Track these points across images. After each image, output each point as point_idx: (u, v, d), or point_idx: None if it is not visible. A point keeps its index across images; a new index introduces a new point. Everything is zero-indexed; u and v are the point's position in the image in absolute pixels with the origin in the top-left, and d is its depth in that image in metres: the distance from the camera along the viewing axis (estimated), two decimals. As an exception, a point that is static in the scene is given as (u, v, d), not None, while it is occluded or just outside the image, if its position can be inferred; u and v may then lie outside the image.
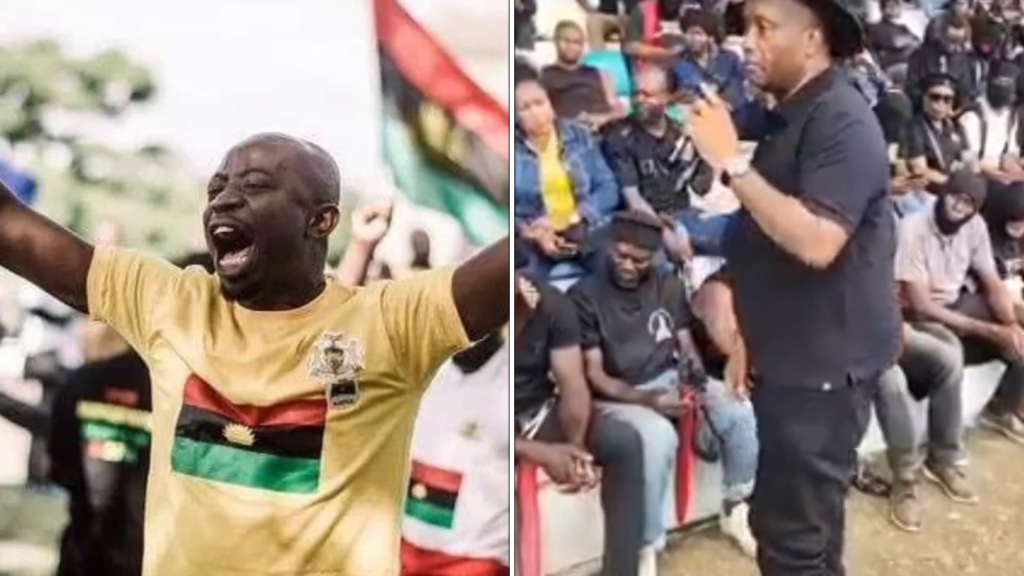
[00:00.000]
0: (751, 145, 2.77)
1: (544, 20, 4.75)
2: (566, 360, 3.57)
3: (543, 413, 3.61)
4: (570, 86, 4.57)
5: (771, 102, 2.80)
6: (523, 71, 4.18)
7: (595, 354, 3.70)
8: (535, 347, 3.53)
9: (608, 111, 4.58)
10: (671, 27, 4.99)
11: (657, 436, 3.52)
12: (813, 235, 2.48)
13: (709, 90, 2.66)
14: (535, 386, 3.59)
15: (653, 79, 4.29)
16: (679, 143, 4.21)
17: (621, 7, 5.03)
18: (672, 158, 4.20)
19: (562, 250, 4.05)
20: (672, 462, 3.59)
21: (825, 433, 2.73)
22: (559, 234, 4.04)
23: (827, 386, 2.69)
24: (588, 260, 4.09)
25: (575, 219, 4.15)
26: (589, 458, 3.43)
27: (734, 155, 2.57)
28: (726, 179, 2.59)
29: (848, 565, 3.04)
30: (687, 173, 4.08)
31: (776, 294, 2.72)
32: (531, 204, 4.08)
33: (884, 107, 4.61)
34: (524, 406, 3.54)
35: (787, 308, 2.71)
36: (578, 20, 4.80)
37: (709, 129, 2.59)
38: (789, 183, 2.54)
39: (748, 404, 2.97)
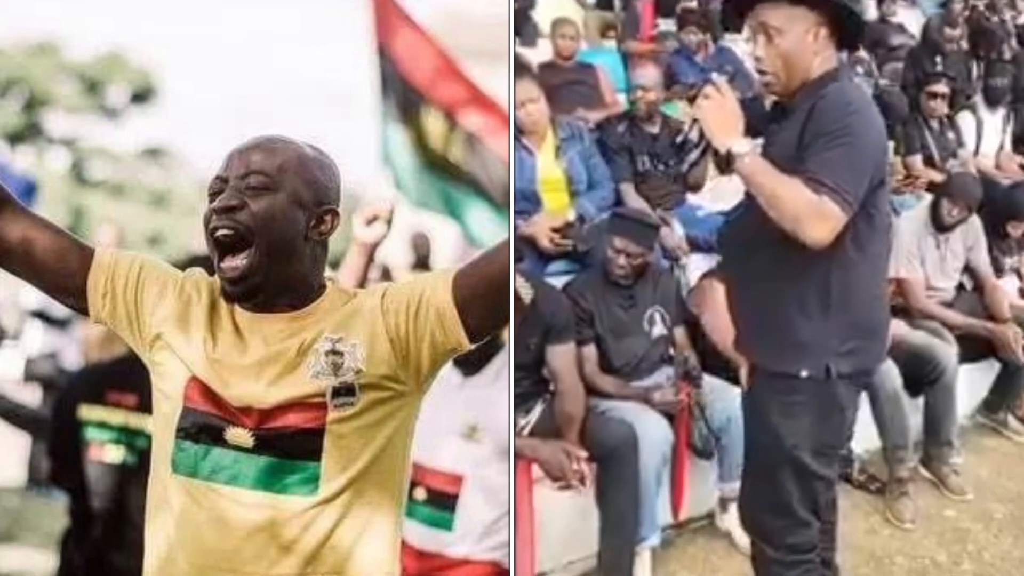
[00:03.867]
0: (756, 142, 2.80)
1: (541, 17, 4.74)
2: (561, 356, 3.56)
3: (538, 409, 3.60)
4: (566, 83, 4.54)
5: (770, 96, 2.88)
6: (519, 68, 4.17)
7: (590, 350, 3.68)
8: (530, 344, 3.51)
9: (605, 108, 4.57)
10: (667, 24, 4.99)
11: (652, 433, 3.52)
12: (815, 213, 2.53)
13: (720, 79, 2.73)
14: (530, 382, 3.58)
15: (649, 75, 4.29)
16: (686, 125, 4.18)
17: (617, 4, 5.02)
18: (679, 139, 4.16)
19: (558, 247, 4.05)
20: (667, 459, 3.59)
21: (809, 426, 2.75)
22: (555, 231, 4.05)
23: (804, 373, 2.72)
24: (584, 257, 4.08)
25: (571, 216, 4.15)
26: (583, 454, 3.43)
27: (739, 137, 2.63)
28: (729, 164, 2.64)
29: (843, 562, 3.05)
30: (693, 155, 4.06)
31: (768, 285, 2.77)
32: (529, 202, 4.08)
33: (880, 105, 4.61)
34: (519, 402, 3.51)
35: (776, 296, 2.76)
36: (575, 17, 4.79)
37: (716, 112, 2.65)
38: (792, 172, 2.59)
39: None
